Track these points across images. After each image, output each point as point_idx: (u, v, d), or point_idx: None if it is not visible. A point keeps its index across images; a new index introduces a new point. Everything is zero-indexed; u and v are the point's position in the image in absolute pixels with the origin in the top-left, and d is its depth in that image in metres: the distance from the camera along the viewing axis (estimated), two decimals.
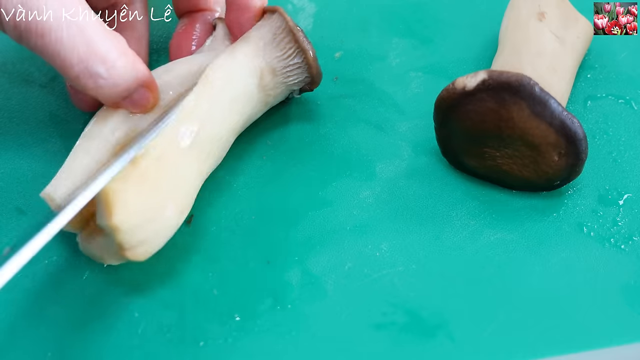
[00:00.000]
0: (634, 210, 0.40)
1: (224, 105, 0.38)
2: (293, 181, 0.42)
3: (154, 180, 0.34)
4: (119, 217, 0.32)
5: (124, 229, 0.33)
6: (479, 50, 0.49)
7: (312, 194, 0.41)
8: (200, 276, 0.38)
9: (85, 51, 0.33)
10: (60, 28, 0.33)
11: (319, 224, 0.40)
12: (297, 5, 0.52)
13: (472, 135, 0.39)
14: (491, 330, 0.36)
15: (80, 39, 0.33)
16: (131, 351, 0.35)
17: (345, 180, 0.42)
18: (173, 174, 0.35)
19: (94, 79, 0.34)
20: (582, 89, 0.46)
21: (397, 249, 0.39)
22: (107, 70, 0.34)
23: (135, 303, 0.37)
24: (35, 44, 0.33)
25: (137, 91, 0.36)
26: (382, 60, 0.48)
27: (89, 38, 0.33)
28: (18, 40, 0.34)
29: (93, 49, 0.34)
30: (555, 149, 0.37)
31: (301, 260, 0.38)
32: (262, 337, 0.35)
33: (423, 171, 0.42)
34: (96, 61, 0.34)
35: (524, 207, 0.40)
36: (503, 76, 0.37)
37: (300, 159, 0.43)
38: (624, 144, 0.43)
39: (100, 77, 0.34)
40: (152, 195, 0.34)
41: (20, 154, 0.42)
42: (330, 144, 0.44)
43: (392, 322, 0.36)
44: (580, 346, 0.35)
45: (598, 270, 0.38)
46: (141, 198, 0.33)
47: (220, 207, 0.40)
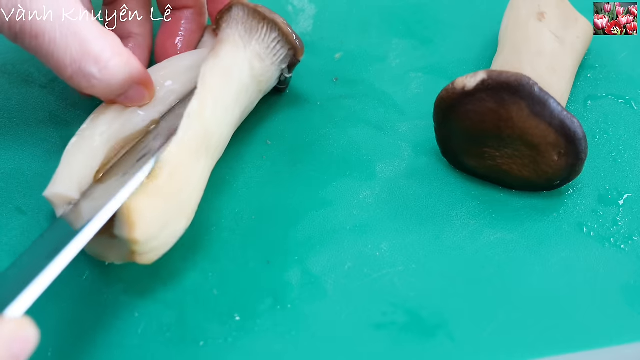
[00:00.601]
0: (634, 210, 0.40)
1: (225, 108, 0.38)
2: (293, 181, 0.42)
3: (170, 192, 0.34)
4: (140, 231, 0.33)
5: (142, 241, 0.33)
6: (479, 51, 0.49)
7: (312, 194, 0.41)
8: (200, 276, 0.38)
9: (79, 51, 0.34)
10: (53, 29, 0.33)
11: (319, 224, 0.40)
12: (297, 6, 0.52)
13: (472, 135, 0.39)
14: (491, 330, 0.36)
15: (73, 40, 0.33)
16: (131, 351, 0.35)
17: (345, 180, 0.42)
18: (186, 182, 0.35)
19: (87, 79, 0.35)
20: (582, 89, 0.46)
21: (397, 248, 0.39)
22: (100, 70, 0.35)
23: (135, 303, 0.37)
24: (29, 44, 0.34)
25: (132, 88, 0.36)
26: (382, 61, 0.49)
27: (83, 38, 0.34)
28: (13, 41, 0.34)
29: (86, 49, 0.34)
30: (555, 149, 0.37)
31: (301, 260, 0.38)
32: (262, 337, 0.35)
33: (423, 171, 0.42)
34: (89, 61, 0.34)
35: (524, 207, 0.40)
36: (502, 76, 0.37)
37: (300, 159, 0.43)
38: (624, 144, 0.43)
39: (93, 77, 0.35)
40: (168, 206, 0.34)
41: (20, 154, 0.42)
42: (330, 144, 0.44)
43: (392, 322, 0.36)
44: (580, 346, 0.35)
45: (598, 270, 0.38)
46: (158, 210, 0.34)
47: (220, 207, 0.40)
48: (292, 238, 0.39)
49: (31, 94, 0.46)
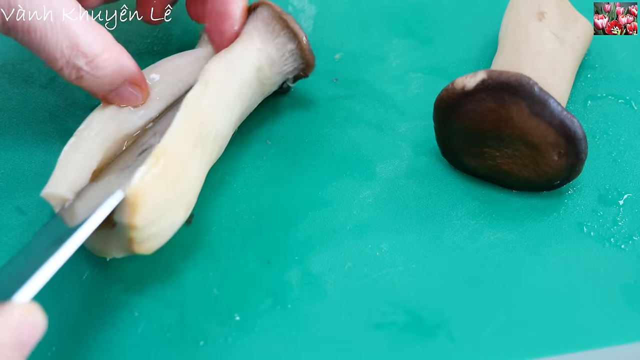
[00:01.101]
0: (634, 210, 0.40)
1: (226, 103, 0.38)
2: (293, 181, 0.42)
3: (170, 178, 0.34)
4: (140, 216, 0.33)
5: (141, 226, 0.33)
6: (479, 51, 0.49)
7: (312, 194, 0.41)
8: (200, 276, 0.38)
9: (68, 45, 0.35)
10: (44, 26, 0.34)
11: (319, 224, 0.40)
12: (298, 7, 0.52)
13: (472, 135, 0.39)
14: (491, 330, 0.36)
15: (63, 35, 0.34)
16: (131, 350, 0.35)
17: (345, 180, 0.42)
18: (184, 170, 0.35)
19: (76, 70, 0.35)
20: (582, 89, 0.46)
21: (397, 248, 0.39)
22: (87, 63, 0.35)
23: (135, 302, 0.37)
24: (22, 39, 0.35)
25: (123, 86, 0.37)
26: (383, 61, 0.49)
27: (73, 33, 0.35)
28: (6, 34, 0.35)
29: (75, 43, 0.35)
30: (555, 149, 0.37)
31: (301, 260, 0.38)
32: (262, 337, 0.35)
33: (423, 171, 0.42)
34: (77, 54, 0.35)
35: (524, 207, 0.40)
36: (502, 76, 0.37)
37: (300, 159, 0.43)
38: (624, 144, 0.43)
39: (81, 69, 0.35)
40: (167, 193, 0.34)
41: (20, 154, 0.42)
42: (330, 144, 0.44)
43: (392, 322, 0.36)
44: (580, 346, 0.35)
45: (598, 270, 0.38)
46: (158, 196, 0.34)
47: (220, 207, 0.40)
48: (292, 238, 0.39)
49: (31, 93, 0.46)
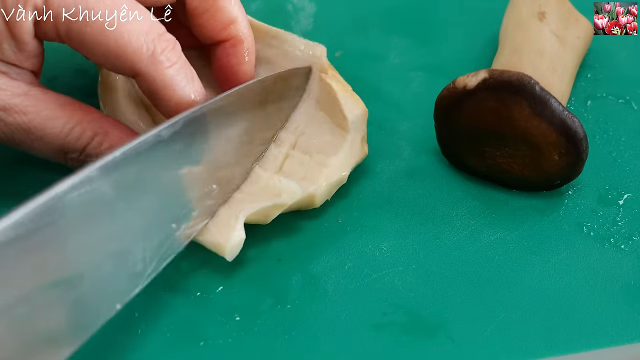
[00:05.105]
0: (634, 210, 0.40)
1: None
2: None
3: None
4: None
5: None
6: (479, 50, 0.49)
7: None
8: (200, 275, 0.38)
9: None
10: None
11: (318, 224, 0.40)
12: (297, 5, 0.52)
13: (473, 135, 0.39)
14: (491, 330, 0.36)
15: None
16: (131, 351, 0.35)
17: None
18: None
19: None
20: (582, 89, 0.46)
21: (397, 249, 0.39)
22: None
23: (135, 302, 0.36)
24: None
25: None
26: (382, 59, 0.48)
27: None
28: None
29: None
30: (556, 149, 0.37)
31: (301, 260, 0.38)
32: (262, 337, 0.35)
33: (423, 171, 0.42)
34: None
35: (524, 207, 0.40)
36: (504, 75, 0.37)
37: None
38: (624, 144, 0.43)
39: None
40: None
41: (20, 154, 0.42)
42: None
43: (392, 322, 0.36)
44: (580, 346, 0.35)
45: (598, 270, 0.38)
46: None
47: None
48: (292, 238, 0.39)
49: None
